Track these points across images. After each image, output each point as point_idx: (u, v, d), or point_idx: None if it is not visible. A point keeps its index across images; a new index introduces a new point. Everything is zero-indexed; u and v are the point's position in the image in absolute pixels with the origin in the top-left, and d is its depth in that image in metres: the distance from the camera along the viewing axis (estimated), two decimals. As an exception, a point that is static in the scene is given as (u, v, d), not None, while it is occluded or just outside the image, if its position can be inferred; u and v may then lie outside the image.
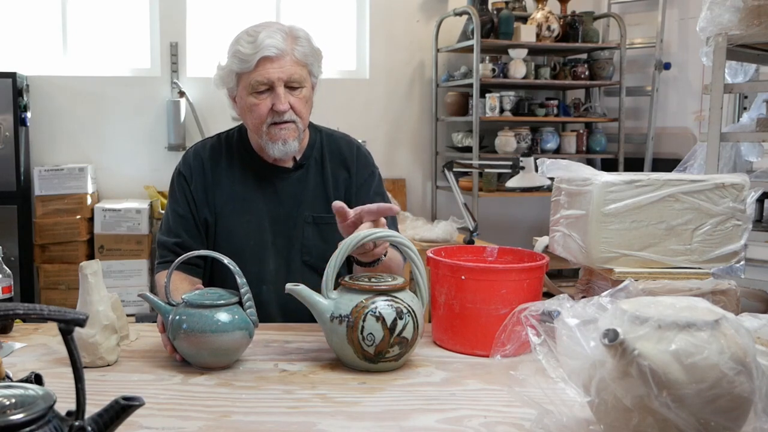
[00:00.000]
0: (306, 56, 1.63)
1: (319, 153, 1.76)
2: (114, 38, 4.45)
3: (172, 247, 1.69)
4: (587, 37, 4.52)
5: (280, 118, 1.61)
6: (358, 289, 1.31)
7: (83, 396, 0.75)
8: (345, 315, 1.29)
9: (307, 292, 1.33)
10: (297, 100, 1.63)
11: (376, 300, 1.29)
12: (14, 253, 3.86)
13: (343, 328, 1.29)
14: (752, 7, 2.37)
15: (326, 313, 1.31)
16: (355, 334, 1.28)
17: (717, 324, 0.89)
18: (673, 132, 4.63)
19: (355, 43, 4.82)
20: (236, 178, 1.73)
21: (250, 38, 1.59)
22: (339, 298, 1.32)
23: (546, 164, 1.55)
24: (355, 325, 1.27)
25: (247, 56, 1.58)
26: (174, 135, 4.34)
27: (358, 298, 1.30)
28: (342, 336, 1.29)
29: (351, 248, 1.33)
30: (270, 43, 1.57)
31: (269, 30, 1.60)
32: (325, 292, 1.33)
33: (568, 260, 1.55)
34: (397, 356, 1.30)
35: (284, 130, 1.63)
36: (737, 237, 1.44)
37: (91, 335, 1.31)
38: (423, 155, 4.85)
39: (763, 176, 2.69)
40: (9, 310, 0.73)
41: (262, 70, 1.59)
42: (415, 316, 1.31)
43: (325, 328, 1.33)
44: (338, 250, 1.33)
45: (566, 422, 0.97)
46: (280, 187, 1.73)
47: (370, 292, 1.30)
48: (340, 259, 1.32)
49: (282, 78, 1.59)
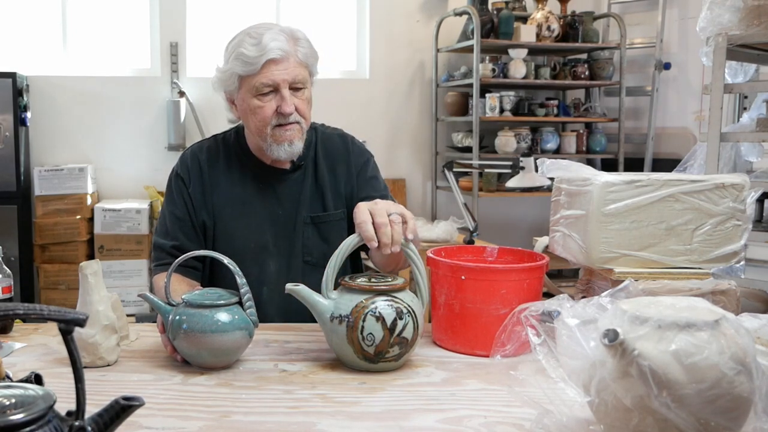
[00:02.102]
0: (307, 57, 1.63)
1: (314, 152, 1.76)
2: (114, 38, 4.45)
3: (169, 249, 1.69)
4: (587, 37, 4.52)
5: (286, 120, 1.61)
6: (358, 289, 1.31)
7: (83, 396, 0.75)
8: (345, 315, 1.29)
9: (306, 292, 1.33)
10: (300, 101, 1.63)
11: (376, 300, 1.29)
12: (14, 253, 3.86)
13: (343, 328, 1.28)
14: (752, 7, 2.37)
15: (326, 313, 1.31)
16: (355, 334, 1.27)
17: (717, 324, 0.89)
18: (673, 132, 4.63)
19: (355, 43, 4.82)
20: (235, 181, 1.73)
21: (253, 40, 1.58)
22: (339, 298, 1.32)
23: (546, 164, 1.55)
24: (355, 325, 1.27)
25: (252, 59, 1.58)
26: (174, 135, 4.34)
27: (358, 298, 1.29)
28: (342, 336, 1.29)
29: (351, 248, 1.33)
30: (275, 46, 1.57)
31: (272, 32, 1.59)
32: (325, 292, 1.33)
33: (568, 260, 1.55)
34: (397, 356, 1.30)
35: (290, 131, 1.63)
36: (737, 237, 1.43)
37: (91, 335, 1.31)
38: (423, 155, 4.85)
39: (763, 176, 2.69)
40: (9, 310, 0.73)
41: (267, 72, 1.58)
42: (415, 316, 1.31)
43: (325, 328, 1.32)
44: (338, 250, 1.32)
45: (566, 422, 0.97)
46: (279, 189, 1.73)
47: (370, 292, 1.30)
48: (341, 259, 1.32)
49: (287, 80, 1.59)
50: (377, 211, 1.33)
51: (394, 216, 1.33)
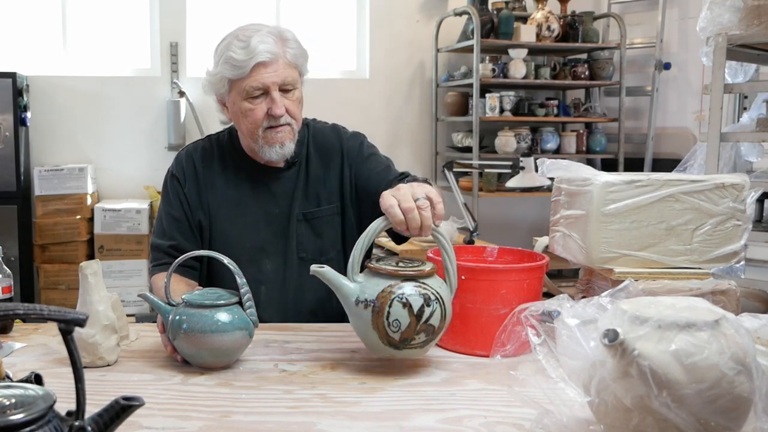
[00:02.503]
0: (297, 57, 1.63)
1: (307, 148, 1.76)
2: (114, 38, 4.45)
3: (167, 249, 1.69)
4: (587, 37, 4.52)
5: (277, 122, 1.61)
6: (385, 273, 1.27)
7: (83, 396, 0.75)
8: (371, 300, 1.24)
9: (332, 274, 1.29)
10: (291, 102, 1.63)
11: (404, 285, 1.24)
12: (14, 253, 3.86)
13: (369, 313, 1.24)
14: (752, 7, 2.37)
15: (351, 296, 1.27)
16: (380, 319, 1.24)
17: (717, 324, 0.89)
18: (673, 132, 4.63)
19: (355, 43, 4.82)
20: (229, 181, 1.73)
21: (242, 44, 1.58)
22: (365, 282, 1.27)
23: (546, 164, 1.55)
24: (381, 311, 1.23)
25: (241, 62, 1.58)
26: (174, 135, 4.34)
27: (385, 283, 1.25)
28: (367, 321, 1.25)
29: (378, 232, 1.28)
30: (264, 48, 1.57)
31: (260, 34, 1.59)
32: (351, 275, 1.28)
33: (568, 260, 1.55)
34: (423, 343, 1.26)
35: (281, 133, 1.63)
36: (737, 237, 1.44)
37: (91, 335, 1.31)
38: (423, 155, 4.85)
39: (763, 176, 2.69)
40: (9, 310, 0.73)
41: (256, 75, 1.58)
42: (443, 303, 1.26)
43: (350, 312, 1.28)
44: (366, 233, 1.28)
45: (566, 422, 0.97)
46: (273, 187, 1.73)
47: (397, 277, 1.26)
48: (368, 241, 1.27)
49: (277, 82, 1.59)
50: (401, 196, 1.27)
51: (421, 201, 1.27)
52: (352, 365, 1.35)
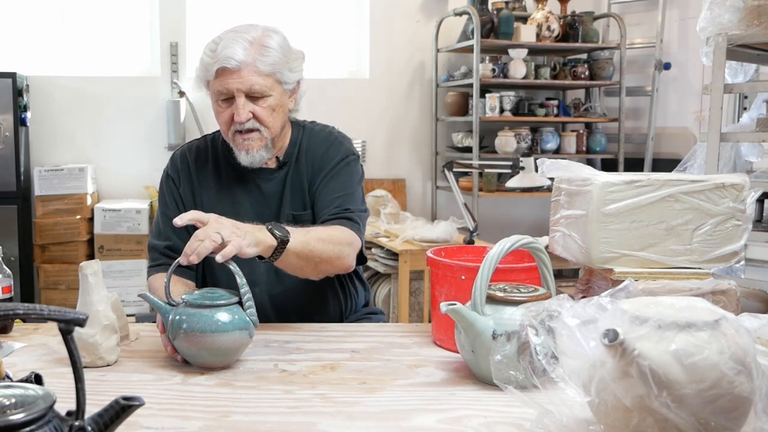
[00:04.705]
0: (273, 65, 1.59)
1: (298, 150, 1.75)
2: (114, 38, 4.45)
3: (163, 250, 1.68)
4: (587, 37, 4.52)
5: (242, 127, 1.61)
6: (513, 302, 1.22)
7: (83, 396, 0.75)
8: (513, 331, 1.17)
9: (465, 311, 1.21)
10: (261, 109, 1.60)
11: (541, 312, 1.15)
12: (14, 253, 3.86)
13: (513, 345, 1.16)
14: (752, 7, 2.37)
15: (487, 331, 1.20)
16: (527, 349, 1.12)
17: (717, 324, 0.89)
18: (673, 132, 4.63)
19: (355, 43, 4.82)
20: (222, 181, 1.73)
21: (213, 46, 1.59)
22: (494, 314, 1.21)
23: (546, 164, 1.55)
24: (527, 341, 1.11)
25: (208, 65, 1.59)
26: (174, 135, 4.34)
27: (518, 312, 1.18)
28: (511, 354, 1.16)
29: (501, 256, 1.23)
30: (227, 54, 1.55)
31: (230, 40, 1.58)
32: (479, 308, 1.22)
33: (568, 260, 1.55)
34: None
35: (248, 141, 1.62)
36: (737, 237, 1.43)
37: (91, 335, 1.31)
38: (423, 155, 4.85)
39: (763, 176, 2.69)
40: (9, 310, 0.73)
41: (221, 79, 1.58)
42: None
43: (482, 348, 1.20)
44: (486, 263, 1.23)
45: (566, 422, 0.97)
46: (264, 188, 1.72)
47: (518, 303, 1.20)
48: (491, 272, 1.23)
49: (241, 89, 1.57)
50: (203, 231, 1.35)
51: (213, 236, 1.32)
52: (352, 365, 1.35)
